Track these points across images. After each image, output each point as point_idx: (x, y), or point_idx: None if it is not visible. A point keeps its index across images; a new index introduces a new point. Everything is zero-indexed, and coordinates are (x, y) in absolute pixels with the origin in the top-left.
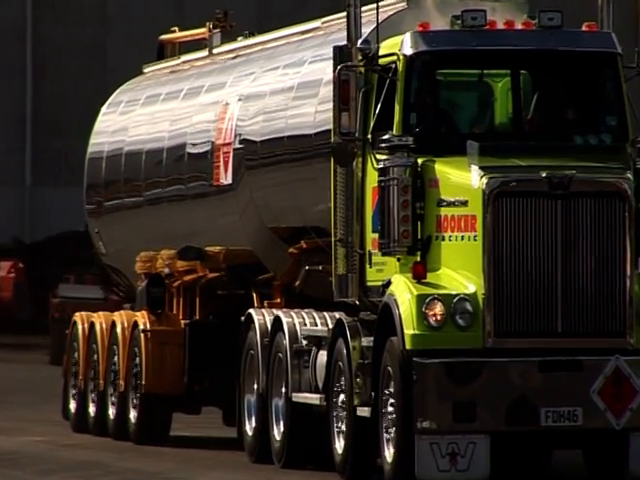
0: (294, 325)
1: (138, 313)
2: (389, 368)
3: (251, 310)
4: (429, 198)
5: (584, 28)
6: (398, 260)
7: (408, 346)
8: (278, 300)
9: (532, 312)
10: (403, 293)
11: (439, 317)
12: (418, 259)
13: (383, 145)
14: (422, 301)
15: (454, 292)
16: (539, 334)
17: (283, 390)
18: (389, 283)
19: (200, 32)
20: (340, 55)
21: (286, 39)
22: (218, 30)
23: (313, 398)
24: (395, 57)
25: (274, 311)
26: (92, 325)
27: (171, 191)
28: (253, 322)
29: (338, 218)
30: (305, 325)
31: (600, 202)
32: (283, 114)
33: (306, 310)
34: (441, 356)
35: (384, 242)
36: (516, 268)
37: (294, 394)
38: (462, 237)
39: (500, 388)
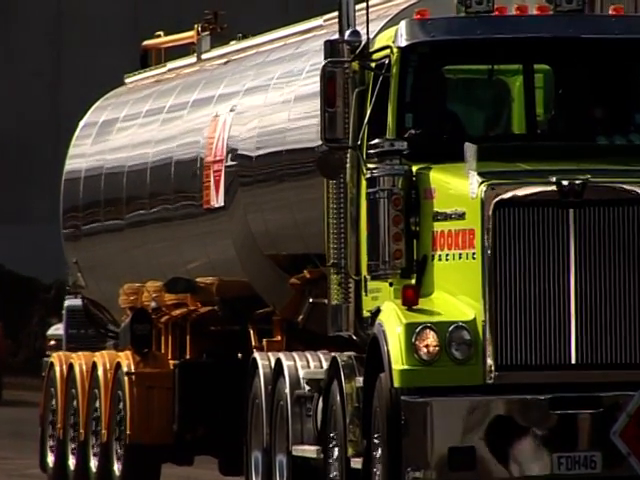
0: (296, 368)
1: (121, 353)
2: (378, 410)
3: (256, 354)
4: (424, 211)
5: (610, 12)
6: (390, 285)
7: (396, 383)
8: (279, 338)
9: (541, 341)
10: (391, 322)
11: (432, 349)
12: (413, 283)
13: (372, 151)
14: (411, 331)
15: (449, 319)
16: (549, 367)
17: (285, 443)
18: (378, 311)
19: (188, 36)
20: (331, 50)
21: (283, 40)
22: (207, 33)
23: (310, 451)
24: (388, 50)
25: (278, 354)
26: (71, 367)
27: (156, 215)
28: (257, 367)
29: (331, 240)
30: (309, 367)
31: (619, 211)
32: (282, 126)
33: (321, 351)
34: (434, 394)
35: (374, 264)
36: (521, 290)
37: (294, 447)
38: (459, 255)
39: (504, 430)
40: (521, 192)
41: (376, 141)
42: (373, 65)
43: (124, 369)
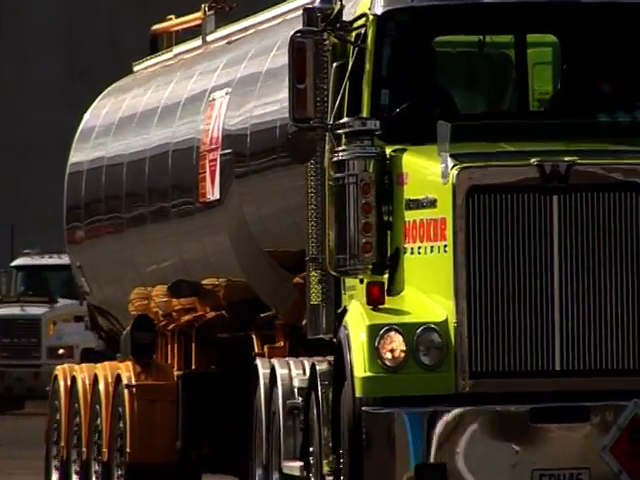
0: (290, 377)
1: (122, 364)
2: (342, 423)
3: (257, 361)
4: (397, 199)
5: None
6: (361, 282)
7: (358, 393)
8: (281, 344)
9: (520, 345)
10: (354, 324)
11: (397, 354)
12: (384, 279)
13: (340, 131)
14: (375, 333)
15: (417, 320)
16: (530, 374)
17: (278, 459)
18: (344, 312)
19: (196, 17)
20: (308, 19)
21: (282, 17)
22: (212, 12)
23: (295, 467)
24: (365, 19)
25: (273, 360)
26: (74, 380)
27: (155, 212)
28: (259, 376)
29: (310, 231)
30: (304, 375)
31: (609, 197)
32: (278, 107)
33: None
34: (400, 404)
35: (342, 258)
36: (498, 287)
37: (284, 463)
38: (431, 248)
39: (479, 445)
40: (498, 176)
41: (345, 120)
42: (350, 35)
43: (124, 382)
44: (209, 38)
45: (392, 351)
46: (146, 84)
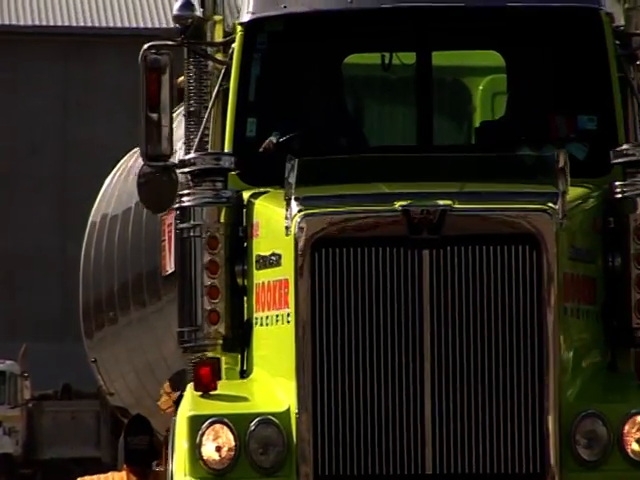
0: None
1: (116, 475)
2: None
3: None
4: (249, 256)
5: None
6: None
7: None
8: None
9: (381, 442)
10: (180, 415)
11: (225, 453)
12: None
13: (186, 170)
14: (196, 427)
15: (252, 411)
16: (393, 479)
17: None
18: (180, 398)
19: None
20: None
21: None
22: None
23: None
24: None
25: None
26: None
27: (137, 292)
28: None
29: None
30: None
31: (495, 252)
32: None
33: None
34: None
35: (185, 331)
36: (352, 367)
37: None
38: (276, 318)
39: None
40: (352, 225)
41: (192, 155)
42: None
43: None
44: None
45: (218, 449)
46: None
